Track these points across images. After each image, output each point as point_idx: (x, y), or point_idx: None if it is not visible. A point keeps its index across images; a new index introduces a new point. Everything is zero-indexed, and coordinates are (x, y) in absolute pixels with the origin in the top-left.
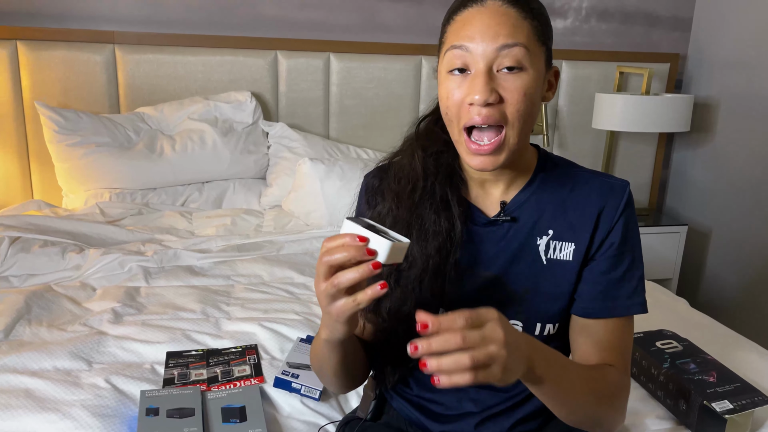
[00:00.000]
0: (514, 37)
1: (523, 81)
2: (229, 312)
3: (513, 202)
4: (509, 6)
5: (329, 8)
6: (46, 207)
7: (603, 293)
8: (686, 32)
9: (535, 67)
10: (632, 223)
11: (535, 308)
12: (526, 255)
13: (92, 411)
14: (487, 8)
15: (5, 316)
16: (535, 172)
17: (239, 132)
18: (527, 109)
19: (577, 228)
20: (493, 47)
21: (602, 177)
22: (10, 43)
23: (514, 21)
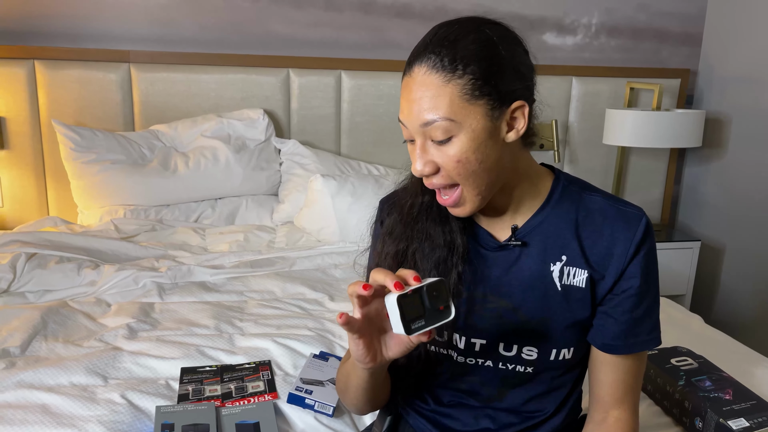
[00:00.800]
0: (434, 111)
1: (455, 149)
2: (242, 328)
3: (525, 227)
4: (431, 72)
5: (340, 27)
6: (62, 223)
7: (626, 332)
8: (696, 48)
9: (467, 130)
10: (651, 256)
11: (551, 335)
12: (541, 282)
13: (108, 427)
14: (413, 78)
15: (22, 331)
16: (548, 198)
17: (252, 149)
18: (470, 168)
19: (590, 256)
20: (417, 125)
21: (618, 204)
22: (27, 62)
23: (434, 91)
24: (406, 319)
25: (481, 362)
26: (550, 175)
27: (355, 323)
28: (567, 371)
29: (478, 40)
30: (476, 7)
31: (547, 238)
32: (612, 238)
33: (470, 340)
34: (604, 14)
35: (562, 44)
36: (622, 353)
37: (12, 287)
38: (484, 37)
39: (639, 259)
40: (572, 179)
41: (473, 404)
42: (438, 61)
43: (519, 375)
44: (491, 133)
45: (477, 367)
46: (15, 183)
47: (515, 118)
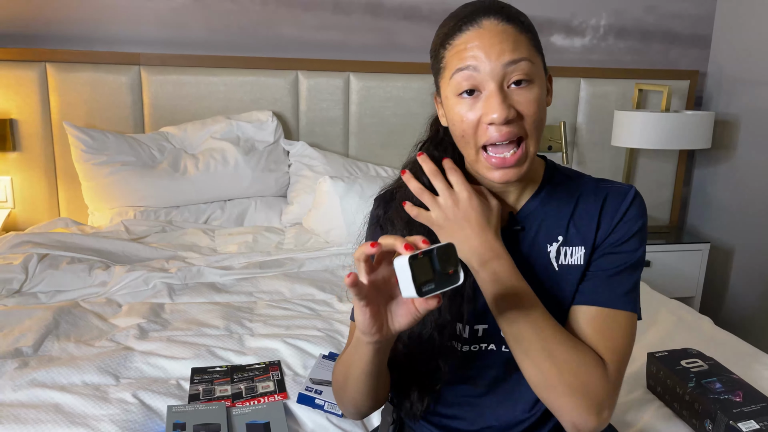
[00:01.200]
0: (518, 52)
1: (534, 93)
2: (252, 328)
3: (522, 212)
4: (506, 23)
5: (348, 29)
6: (73, 225)
7: (594, 283)
8: (705, 49)
9: (539, 77)
10: (637, 226)
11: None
12: (538, 263)
13: (120, 426)
14: (485, 28)
15: (34, 331)
16: (543, 182)
17: (261, 151)
18: (542, 118)
19: (585, 232)
20: (500, 64)
21: (608, 183)
22: (39, 65)
23: (514, 37)
24: (417, 282)
25: (485, 347)
26: (541, 164)
27: (363, 287)
28: None
29: (522, 13)
30: None
31: (543, 221)
32: (602, 211)
33: (473, 327)
34: (612, 16)
35: (570, 46)
36: (588, 303)
37: (24, 288)
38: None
39: (623, 225)
40: (562, 167)
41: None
42: (507, 16)
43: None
44: (545, 91)
45: (482, 352)
46: (26, 184)
47: (548, 89)
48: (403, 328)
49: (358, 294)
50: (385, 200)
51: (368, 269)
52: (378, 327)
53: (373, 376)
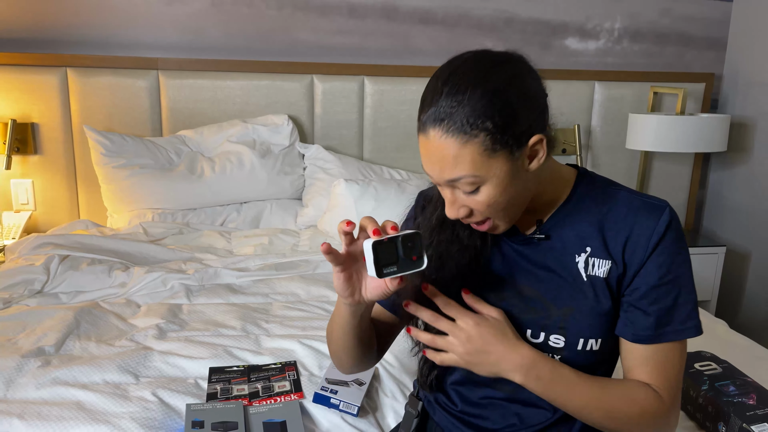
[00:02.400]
0: (458, 170)
1: (483, 197)
2: (268, 329)
3: (549, 221)
4: (446, 135)
5: (363, 33)
6: (93, 227)
7: (655, 322)
8: (721, 52)
9: (492, 178)
10: (676, 245)
11: (578, 325)
12: (567, 273)
13: (140, 423)
14: (430, 141)
15: (56, 331)
16: (571, 194)
17: (276, 154)
18: (501, 206)
19: (613, 247)
20: (443, 180)
21: (642, 197)
22: (60, 69)
23: (454, 152)
24: (379, 264)
25: None
26: (574, 174)
27: (339, 256)
28: (596, 366)
29: (486, 95)
30: (498, 14)
31: (571, 230)
32: (634, 228)
33: None
34: (627, 19)
35: (584, 49)
36: (653, 342)
37: (46, 288)
38: (492, 88)
39: (662, 248)
40: (596, 176)
41: (502, 397)
42: (452, 125)
43: None
44: (515, 173)
45: None
46: (47, 187)
47: (536, 150)
48: (374, 299)
49: (333, 261)
50: (425, 201)
51: (347, 241)
52: (351, 291)
53: (351, 335)
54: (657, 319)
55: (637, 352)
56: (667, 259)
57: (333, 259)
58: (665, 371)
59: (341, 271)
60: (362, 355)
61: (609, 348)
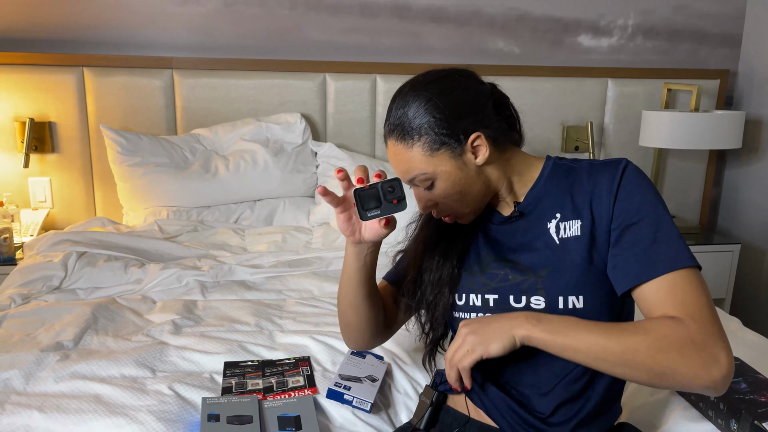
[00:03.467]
0: (411, 171)
1: (439, 191)
2: (281, 325)
3: (524, 201)
4: (397, 143)
5: (375, 32)
6: (109, 224)
7: (642, 258)
8: (736, 48)
9: (442, 173)
10: (639, 187)
11: (555, 284)
12: (540, 239)
13: (157, 416)
14: (389, 148)
15: (74, 326)
16: (541, 173)
17: (289, 152)
18: (456, 198)
19: (580, 206)
20: (406, 180)
21: (602, 161)
22: (77, 69)
23: (405, 156)
24: (363, 208)
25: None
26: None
27: (335, 198)
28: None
29: (420, 107)
30: (510, 11)
31: (542, 204)
32: (596, 184)
33: (484, 296)
34: (640, 15)
35: (597, 46)
36: (646, 279)
37: (64, 284)
38: (424, 101)
39: (624, 192)
40: (564, 158)
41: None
42: (398, 135)
43: None
44: (461, 167)
45: None
46: (64, 185)
47: (477, 146)
48: (371, 240)
49: (331, 202)
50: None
51: (344, 186)
52: (351, 230)
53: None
54: (643, 255)
55: (643, 294)
56: (632, 199)
57: (330, 200)
58: (678, 299)
59: (341, 212)
60: (368, 318)
61: (596, 306)
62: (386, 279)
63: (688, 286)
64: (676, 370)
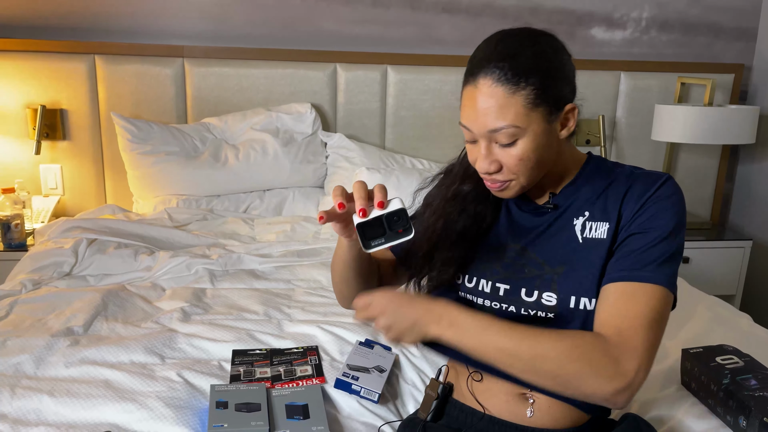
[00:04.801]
0: (502, 120)
1: (518, 151)
2: (290, 314)
3: (560, 194)
4: (497, 84)
5: (387, 23)
6: (119, 211)
7: (620, 262)
8: (751, 42)
9: (530, 133)
10: (664, 201)
11: (569, 282)
12: (563, 234)
13: (166, 402)
14: (478, 88)
15: (84, 312)
16: (579, 172)
17: (299, 142)
18: (526, 167)
19: (611, 210)
20: (484, 131)
21: (644, 170)
22: (88, 57)
23: (501, 101)
24: (366, 238)
25: (505, 307)
26: (582, 158)
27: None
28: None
29: (536, 54)
30: (523, 2)
31: (575, 200)
32: (631, 188)
33: (495, 285)
34: (654, 8)
35: (610, 39)
36: (614, 280)
37: (74, 271)
38: (540, 50)
39: (650, 204)
40: (605, 159)
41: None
42: (502, 75)
43: (540, 321)
44: (548, 134)
45: (501, 312)
46: (75, 172)
47: (567, 118)
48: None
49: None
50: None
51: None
52: (348, 233)
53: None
54: (629, 260)
55: (605, 292)
56: (652, 212)
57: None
58: (623, 309)
59: (337, 222)
60: (361, 289)
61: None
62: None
63: (643, 300)
64: (582, 380)
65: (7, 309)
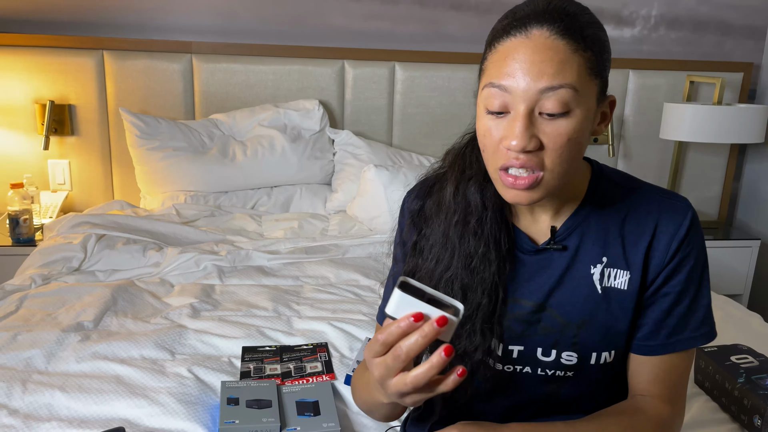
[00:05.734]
0: (561, 77)
1: (568, 126)
2: (299, 311)
3: (564, 228)
4: (558, 37)
5: (395, 19)
6: (128, 207)
7: (667, 332)
8: (760, 41)
9: (584, 106)
10: (696, 250)
11: (591, 338)
12: (581, 285)
13: (177, 398)
14: (532, 40)
15: (94, 307)
16: (587, 195)
17: (307, 139)
18: (569, 153)
19: (632, 255)
20: (536, 89)
21: (661, 195)
22: (97, 52)
23: (562, 56)
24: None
25: (520, 369)
26: (587, 169)
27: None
28: (609, 379)
29: (593, 23)
30: None
31: (587, 238)
32: (655, 233)
33: (508, 347)
34: (664, 6)
35: (619, 36)
36: (659, 353)
37: (83, 266)
38: (595, 20)
39: (683, 253)
40: (612, 172)
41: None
42: (564, 28)
43: (558, 380)
44: (591, 121)
45: (516, 374)
46: (83, 168)
47: (605, 113)
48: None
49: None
50: (422, 194)
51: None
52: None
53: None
54: (669, 328)
55: (646, 364)
56: (686, 265)
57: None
58: (672, 381)
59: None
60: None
61: (622, 356)
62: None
63: (687, 363)
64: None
65: (17, 303)
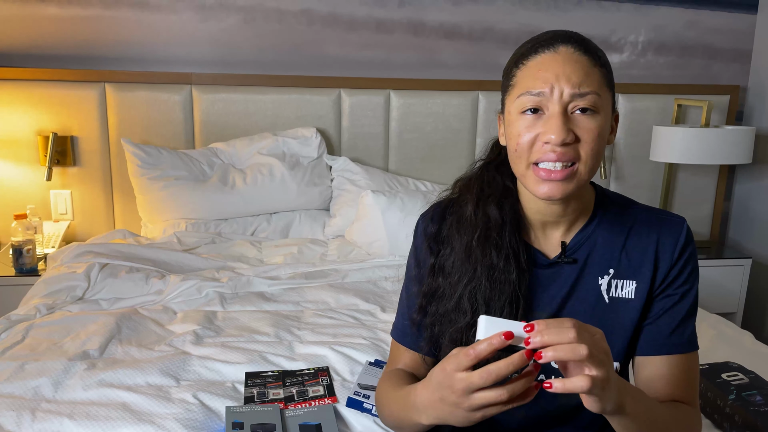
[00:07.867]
0: (587, 85)
1: (597, 122)
2: (300, 336)
3: (573, 242)
4: (581, 53)
5: (390, 48)
6: (130, 236)
7: (673, 331)
8: (746, 64)
9: (605, 111)
10: (693, 263)
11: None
12: (589, 295)
13: (183, 423)
14: (560, 54)
15: (99, 335)
16: (594, 213)
17: (305, 166)
18: (599, 148)
19: (637, 266)
20: (569, 92)
21: (659, 213)
22: (99, 85)
23: (586, 68)
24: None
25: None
26: (592, 191)
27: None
28: None
29: (598, 48)
30: (523, 27)
31: (595, 252)
32: (660, 244)
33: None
34: (651, 32)
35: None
36: (673, 353)
37: (87, 295)
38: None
39: (682, 263)
40: (613, 194)
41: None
42: (584, 47)
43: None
44: (608, 126)
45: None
46: (85, 197)
47: (612, 126)
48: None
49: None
50: (437, 218)
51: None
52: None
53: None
54: (674, 327)
55: (655, 363)
56: (685, 275)
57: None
58: (690, 381)
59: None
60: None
61: (627, 363)
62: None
63: (696, 366)
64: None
65: (23, 333)
